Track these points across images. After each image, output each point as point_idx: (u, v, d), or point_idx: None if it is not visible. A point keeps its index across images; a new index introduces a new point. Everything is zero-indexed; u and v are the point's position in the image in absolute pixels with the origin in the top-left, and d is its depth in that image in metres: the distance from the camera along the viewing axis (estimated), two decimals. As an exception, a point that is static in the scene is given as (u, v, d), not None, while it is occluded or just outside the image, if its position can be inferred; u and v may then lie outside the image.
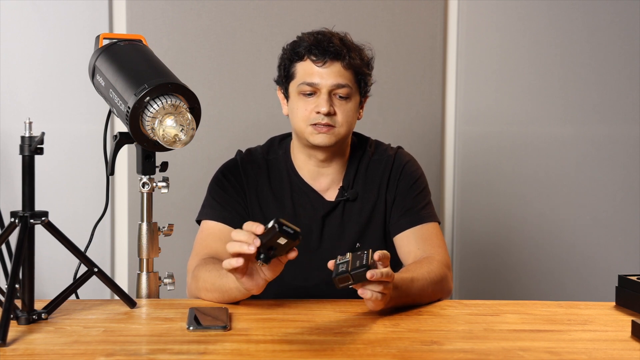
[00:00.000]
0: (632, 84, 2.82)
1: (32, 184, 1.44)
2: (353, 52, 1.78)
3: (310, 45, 1.77)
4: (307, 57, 1.78)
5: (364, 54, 1.82)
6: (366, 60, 1.82)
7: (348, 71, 1.77)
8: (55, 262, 2.32)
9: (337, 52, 1.76)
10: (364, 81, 1.82)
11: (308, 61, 1.77)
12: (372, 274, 1.38)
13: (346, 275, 1.38)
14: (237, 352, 1.26)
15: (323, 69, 1.76)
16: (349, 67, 1.77)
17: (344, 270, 1.39)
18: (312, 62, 1.77)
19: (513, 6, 2.78)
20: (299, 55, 1.79)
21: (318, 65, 1.76)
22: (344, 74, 1.77)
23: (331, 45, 1.76)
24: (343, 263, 1.41)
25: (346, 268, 1.39)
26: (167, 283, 1.72)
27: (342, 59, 1.76)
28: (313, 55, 1.76)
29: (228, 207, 1.82)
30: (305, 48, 1.78)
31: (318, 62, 1.76)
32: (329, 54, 1.76)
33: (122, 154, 2.18)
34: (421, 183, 1.88)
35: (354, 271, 1.38)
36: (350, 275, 1.38)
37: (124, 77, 1.60)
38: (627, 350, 1.33)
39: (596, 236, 2.84)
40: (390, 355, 1.25)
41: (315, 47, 1.76)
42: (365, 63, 1.81)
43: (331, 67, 1.76)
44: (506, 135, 2.81)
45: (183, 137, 1.56)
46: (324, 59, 1.76)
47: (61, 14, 2.60)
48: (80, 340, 1.32)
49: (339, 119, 1.77)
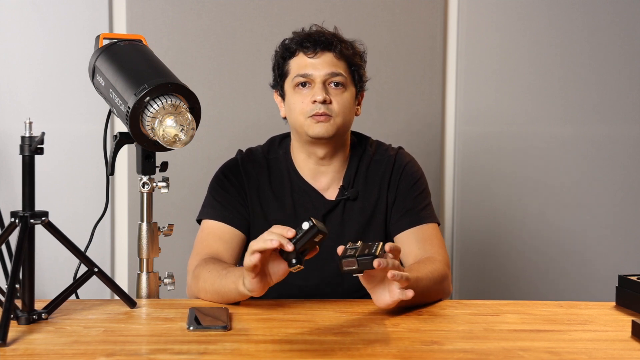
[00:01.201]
0: (632, 84, 2.82)
1: (32, 184, 1.44)
2: (344, 43, 1.81)
3: (301, 39, 1.80)
4: (299, 51, 1.80)
5: (355, 46, 1.85)
6: (358, 51, 1.84)
7: (340, 61, 1.79)
8: (55, 262, 2.32)
9: (329, 42, 1.78)
10: (358, 73, 1.83)
11: (300, 55, 1.79)
12: (379, 263, 1.36)
13: (352, 259, 1.36)
14: (237, 352, 1.26)
15: (315, 60, 1.78)
16: (341, 57, 1.79)
17: (352, 254, 1.37)
18: (304, 54, 1.79)
19: (513, 6, 2.78)
20: (291, 51, 1.81)
21: (310, 57, 1.78)
22: (336, 63, 1.78)
23: (322, 36, 1.79)
24: (352, 249, 1.39)
25: (354, 253, 1.37)
26: (167, 283, 1.72)
27: (334, 48, 1.78)
28: (304, 48, 1.79)
29: (229, 207, 1.82)
30: (297, 43, 1.80)
31: (310, 53, 1.78)
32: (320, 45, 1.78)
33: (122, 154, 2.18)
34: (421, 184, 1.88)
35: (361, 257, 1.36)
36: (357, 260, 1.36)
37: (124, 77, 1.60)
38: (627, 350, 1.33)
39: (596, 236, 2.84)
40: (390, 355, 1.25)
41: (307, 40, 1.79)
42: (357, 54, 1.83)
43: (323, 57, 1.78)
44: (506, 135, 2.81)
45: (183, 137, 1.56)
46: (316, 49, 1.78)
47: (61, 14, 2.60)
48: (80, 340, 1.32)
49: (335, 108, 1.77)
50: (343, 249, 1.40)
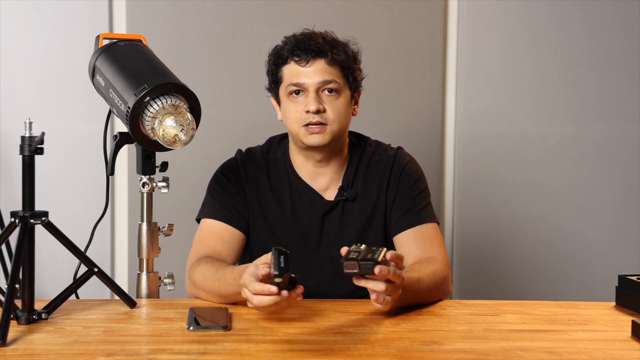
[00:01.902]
0: (632, 84, 2.82)
1: (32, 184, 1.44)
2: (336, 48, 1.78)
3: (292, 47, 1.78)
4: (290, 59, 1.78)
5: (348, 49, 1.82)
6: (351, 54, 1.82)
7: (333, 67, 1.77)
8: (55, 262, 2.32)
9: (319, 50, 1.76)
10: (353, 76, 1.81)
11: (292, 63, 1.78)
12: (380, 270, 1.35)
13: (354, 263, 1.36)
14: (237, 352, 1.26)
15: (307, 68, 1.76)
16: (333, 63, 1.77)
17: (354, 257, 1.37)
18: (295, 63, 1.77)
19: (513, 6, 2.78)
20: (283, 59, 1.79)
21: (302, 65, 1.77)
22: (329, 70, 1.77)
23: (312, 43, 1.76)
24: (355, 252, 1.39)
25: (356, 257, 1.37)
26: (167, 283, 1.72)
27: (325, 55, 1.76)
28: (295, 57, 1.77)
29: (228, 206, 1.82)
30: (288, 50, 1.78)
31: (301, 62, 1.77)
32: (311, 53, 1.76)
33: (122, 154, 2.18)
34: (421, 184, 1.88)
35: (363, 261, 1.36)
36: (358, 264, 1.36)
37: (124, 77, 1.60)
38: (627, 350, 1.33)
39: (596, 236, 2.84)
40: (390, 355, 1.25)
41: (297, 48, 1.77)
42: (350, 57, 1.81)
43: (315, 65, 1.76)
44: (506, 135, 2.80)
45: (183, 137, 1.56)
46: (307, 57, 1.76)
47: (61, 14, 2.60)
48: (80, 340, 1.32)
49: (330, 116, 1.77)
50: (347, 250, 1.40)
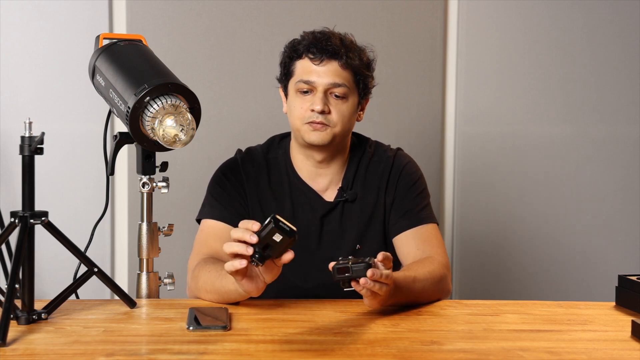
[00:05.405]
0: (632, 84, 2.82)
1: (32, 184, 1.44)
2: (352, 52, 1.78)
3: (309, 44, 1.78)
4: (305, 55, 1.78)
5: (364, 55, 1.81)
6: (366, 61, 1.82)
7: (346, 71, 1.77)
8: (55, 262, 2.32)
9: (335, 51, 1.76)
10: (364, 82, 1.81)
11: (306, 59, 1.78)
12: (372, 273, 1.39)
13: (346, 267, 1.40)
14: (237, 352, 1.26)
15: (320, 67, 1.76)
16: (346, 67, 1.77)
17: (345, 263, 1.41)
18: (309, 60, 1.77)
19: (513, 6, 2.78)
20: (298, 53, 1.79)
21: (315, 64, 1.76)
22: (341, 73, 1.77)
23: (329, 44, 1.76)
24: (345, 259, 1.43)
25: (347, 262, 1.41)
26: (167, 283, 1.72)
27: (340, 58, 1.76)
28: (311, 54, 1.77)
29: (228, 206, 1.82)
30: (304, 46, 1.78)
31: (315, 60, 1.76)
32: (326, 53, 1.76)
33: (122, 154, 2.18)
34: (420, 184, 1.88)
35: (355, 265, 1.40)
36: (350, 268, 1.39)
37: (124, 77, 1.60)
38: (627, 350, 1.33)
39: (596, 236, 2.84)
40: (390, 355, 1.25)
41: (314, 46, 1.77)
42: (364, 64, 1.81)
43: (328, 66, 1.76)
44: (506, 135, 2.81)
45: (183, 137, 1.56)
46: (321, 57, 1.76)
47: (61, 14, 2.60)
48: (80, 340, 1.32)
49: (334, 119, 1.77)
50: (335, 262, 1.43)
